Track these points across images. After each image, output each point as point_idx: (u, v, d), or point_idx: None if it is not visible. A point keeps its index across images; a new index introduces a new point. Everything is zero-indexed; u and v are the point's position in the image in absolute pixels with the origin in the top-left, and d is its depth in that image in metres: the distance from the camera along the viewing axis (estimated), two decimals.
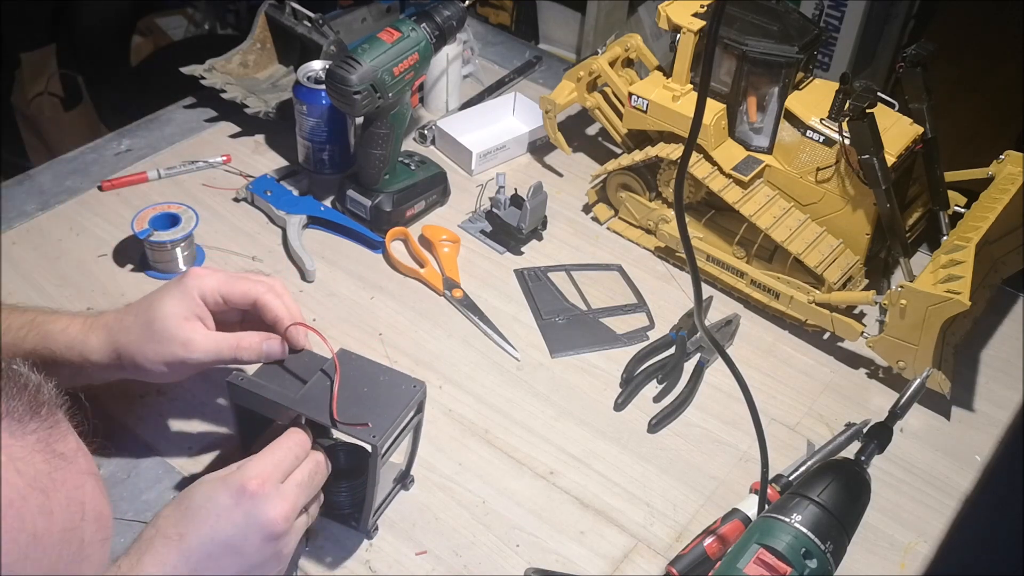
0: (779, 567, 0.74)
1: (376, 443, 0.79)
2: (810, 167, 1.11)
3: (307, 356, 0.88)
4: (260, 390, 0.84)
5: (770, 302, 1.14)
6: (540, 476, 0.96)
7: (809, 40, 1.09)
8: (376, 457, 0.80)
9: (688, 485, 0.96)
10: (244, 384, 0.84)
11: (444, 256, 1.19)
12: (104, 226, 1.19)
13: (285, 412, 0.84)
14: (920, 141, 1.12)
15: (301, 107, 1.22)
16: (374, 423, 0.80)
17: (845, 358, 1.11)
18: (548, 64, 1.57)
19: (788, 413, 1.04)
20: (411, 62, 1.12)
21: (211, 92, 1.35)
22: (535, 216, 1.20)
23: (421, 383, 0.85)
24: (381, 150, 1.16)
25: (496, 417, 1.01)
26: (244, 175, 1.28)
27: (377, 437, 0.79)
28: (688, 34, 1.12)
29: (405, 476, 0.92)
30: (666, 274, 1.21)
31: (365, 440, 0.79)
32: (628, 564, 0.89)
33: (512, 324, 1.12)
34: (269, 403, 0.84)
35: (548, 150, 1.38)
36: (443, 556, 0.88)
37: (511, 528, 0.91)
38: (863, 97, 1.02)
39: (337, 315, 1.11)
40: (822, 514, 0.77)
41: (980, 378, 1.10)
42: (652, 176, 1.21)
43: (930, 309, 0.96)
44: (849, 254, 1.12)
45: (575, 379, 1.06)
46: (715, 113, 1.13)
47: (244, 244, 1.19)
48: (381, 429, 0.80)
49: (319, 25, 1.34)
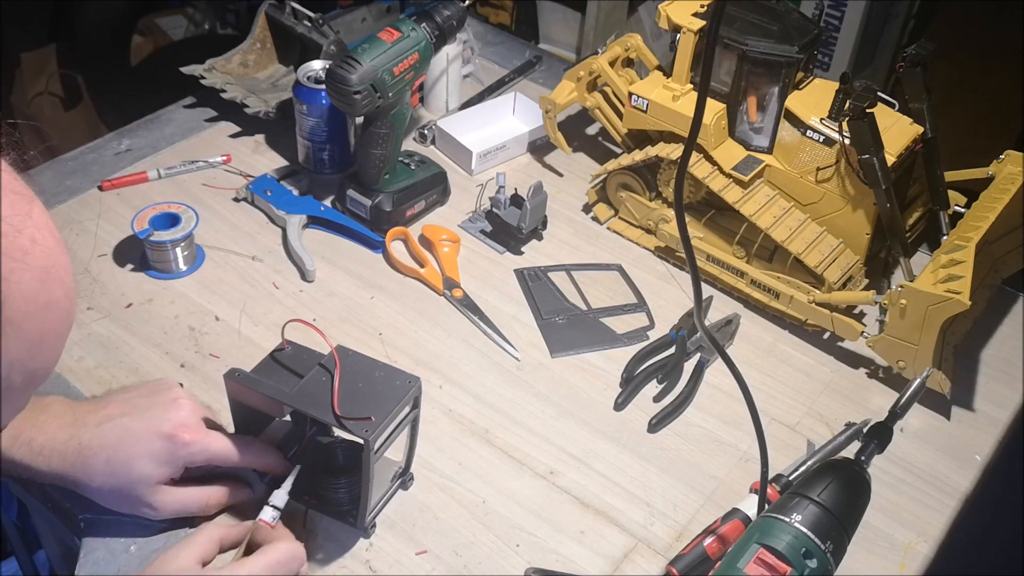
0: (779, 567, 0.74)
1: (368, 438, 0.79)
2: (810, 167, 1.11)
3: (303, 352, 0.88)
4: (257, 386, 0.84)
5: (770, 302, 1.14)
6: (540, 476, 0.96)
7: (809, 40, 1.09)
8: (369, 452, 0.80)
9: (688, 485, 0.96)
10: (242, 380, 0.85)
11: (444, 256, 1.19)
12: (104, 226, 1.19)
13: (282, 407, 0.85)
14: (920, 141, 1.12)
15: (301, 107, 1.22)
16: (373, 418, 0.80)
17: (845, 358, 1.11)
18: (548, 64, 1.57)
19: (788, 413, 1.04)
20: (411, 62, 1.12)
21: (211, 92, 1.35)
22: (535, 216, 1.20)
23: (416, 378, 0.85)
24: (381, 150, 1.16)
25: (496, 417, 1.01)
26: (244, 175, 1.28)
27: (370, 432, 0.79)
28: (688, 34, 1.12)
29: (404, 474, 0.92)
30: (666, 274, 1.21)
31: (358, 435, 0.79)
32: (628, 564, 0.89)
33: (512, 324, 1.12)
34: (267, 399, 0.84)
35: (548, 150, 1.38)
36: (443, 556, 0.88)
37: (511, 528, 0.91)
38: (863, 97, 1.02)
39: (337, 315, 1.11)
40: (822, 514, 0.77)
41: (980, 378, 1.10)
42: (652, 176, 1.21)
43: (930, 309, 0.96)
44: (849, 254, 1.12)
45: (575, 379, 1.06)
46: (715, 113, 1.13)
47: (244, 244, 1.19)
48: (374, 424, 0.80)
49: (319, 25, 1.34)
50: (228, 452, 0.85)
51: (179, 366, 1.03)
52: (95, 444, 0.81)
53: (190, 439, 0.82)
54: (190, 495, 0.85)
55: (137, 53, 2.39)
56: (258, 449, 0.87)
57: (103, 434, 0.81)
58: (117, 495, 0.82)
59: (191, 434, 0.83)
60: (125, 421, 0.82)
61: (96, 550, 0.85)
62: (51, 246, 0.52)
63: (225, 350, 1.05)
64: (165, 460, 0.82)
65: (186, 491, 0.85)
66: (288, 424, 0.92)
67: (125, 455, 0.81)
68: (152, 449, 0.81)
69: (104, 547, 0.86)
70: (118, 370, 1.02)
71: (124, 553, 0.85)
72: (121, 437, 0.81)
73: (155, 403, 0.84)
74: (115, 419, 0.82)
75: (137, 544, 0.86)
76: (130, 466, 0.81)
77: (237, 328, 1.08)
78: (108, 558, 0.85)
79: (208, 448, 0.84)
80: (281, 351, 0.89)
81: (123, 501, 0.83)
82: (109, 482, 0.81)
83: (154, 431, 0.82)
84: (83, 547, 0.86)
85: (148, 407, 0.84)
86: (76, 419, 0.82)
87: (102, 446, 0.81)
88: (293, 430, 0.92)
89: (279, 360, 0.88)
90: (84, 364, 1.02)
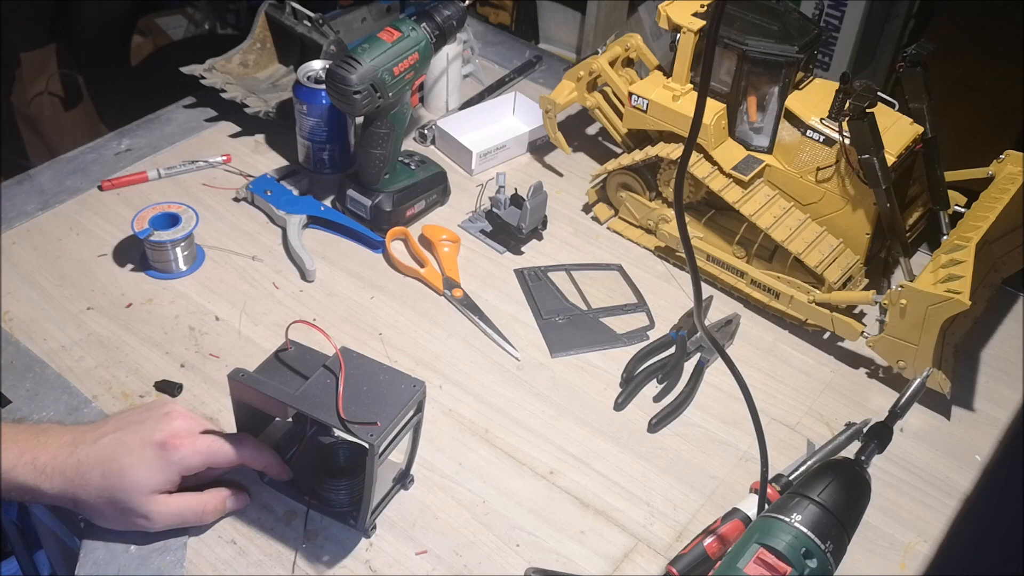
0: (779, 567, 0.74)
1: (374, 442, 0.79)
2: (810, 167, 1.11)
3: (307, 352, 0.88)
4: (261, 386, 0.84)
5: (770, 302, 1.14)
6: (540, 476, 0.96)
7: (809, 40, 1.09)
8: (374, 456, 0.80)
9: (688, 485, 0.96)
10: (245, 380, 0.85)
11: (444, 256, 1.19)
12: (104, 226, 1.19)
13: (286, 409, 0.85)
14: (920, 141, 1.12)
15: (301, 107, 1.22)
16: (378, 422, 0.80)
17: (845, 358, 1.11)
18: (548, 64, 1.57)
19: (788, 413, 1.04)
20: (411, 62, 1.12)
21: (211, 92, 1.35)
22: (535, 216, 1.20)
23: (421, 383, 0.85)
24: (381, 150, 1.16)
25: (496, 417, 1.01)
26: (244, 175, 1.28)
27: (375, 436, 0.79)
28: (688, 34, 1.12)
29: (405, 476, 0.92)
30: (666, 274, 1.21)
31: (363, 439, 0.79)
32: (628, 564, 0.89)
33: (512, 324, 1.12)
34: (270, 399, 0.84)
35: (548, 150, 1.38)
36: (443, 556, 0.88)
37: (511, 528, 0.91)
38: (863, 97, 1.02)
39: (337, 315, 1.11)
40: (822, 514, 0.77)
41: (980, 378, 1.10)
42: (652, 176, 1.21)
43: (930, 309, 0.96)
44: (849, 254, 1.12)
45: (575, 379, 1.06)
46: (715, 113, 1.13)
47: (244, 244, 1.19)
48: (380, 428, 0.80)
49: (319, 25, 1.34)
50: (222, 451, 0.85)
51: (179, 366, 1.03)
52: (91, 459, 0.82)
53: (180, 444, 0.83)
54: (185, 502, 0.85)
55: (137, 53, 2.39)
56: (254, 447, 0.87)
57: (99, 449, 0.82)
58: (112, 508, 0.83)
59: (182, 439, 0.84)
60: (119, 435, 0.83)
61: (96, 550, 0.85)
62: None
63: (225, 350, 1.05)
64: (158, 467, 0.82)
65: (181, 498, 0.85)
66: (288, 424, 0.92)
67: (119, 466, 0.82)
68: (145, 458, 0.82)
69: (104, 547, 0.86)
70: (118, 370, 1.02)
71: (124, 553, 0.85)
72: (116, 450, 0.82)
73: (149, 417, 0.86)
74: (110, 435, 0.84)
75: (137, 544, 0.86)
76: (123, 476, 0.81)
77: (237, 328, 1.08)
78: (108, 558, 0.85)
79: (200, 450, 0.84)
80: (284, 351, 0.89)
81: (119, 514, 0.83)
82: (104, 495, 0.82)
83: (147, 441, 0.83)
84: (83, 547, 0.86)
85: (142, 421, 0.85)
86: (75, 438, 0.84)
87: (98, 460, 0.82)
88: (293, 429, 0.92)
89: (283, 360, 0.88)
90: (84, 364, 1.02)
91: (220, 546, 0.87)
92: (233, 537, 0.88)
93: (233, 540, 0.88)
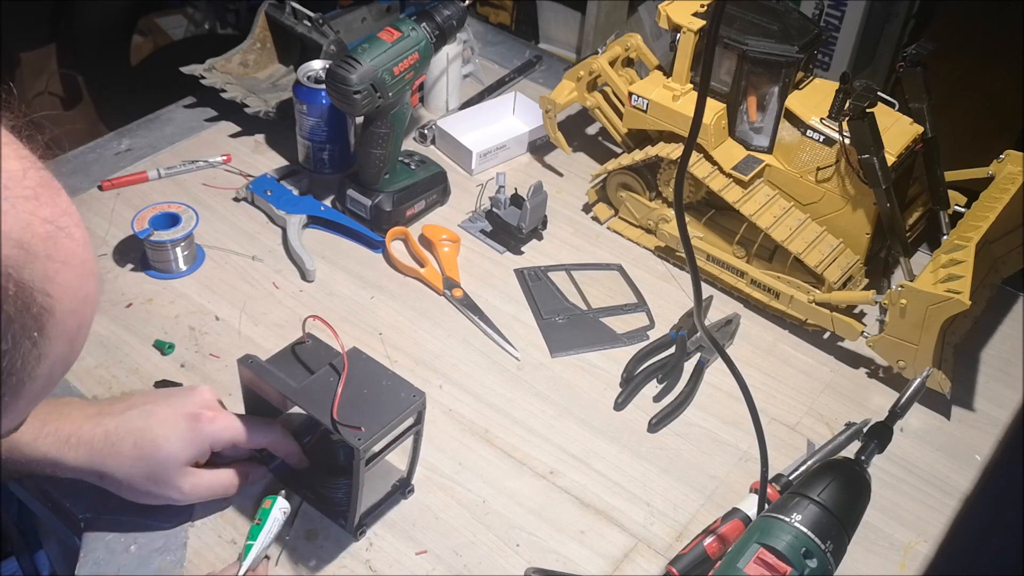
0: (779, 567, 0.74)
1: (360, 446, 0.79)
2: (810, 167, 1.11)
3: (322, 348, 0.89)
4: (266, 376, 0.85)
5: (770, 302, 1.14)
6: (540, 476, 0.96)
7: (809, 40, 1.09)
8: (360, 460, 0.80)
9: (688, 485, 0.96)
10: (253, 368, 0.86)
11: (444, 256, 1.19)
12: (104, 226, 1.19)
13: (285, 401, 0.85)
14: (920, 141, 1.12)
15: (301, 107, 1.22)
16: (367, 427, 0.80)
17: (845, 358, 1.11)
18: (548, 64, 1.57)
19: (788, 413, 1.04)
20: (411, 62, 1.12)
21: (211, 92, 1.35)
22: (535, 216, 1.20)
23: (421, 393, 0.84)
24: (381, 150, 1.16)
25: (496, 417, 1.01)
26: (244, 175, 1.28)
27: (363, 440, 0.79)
28: (688, 34, 1.12)
29: (405, 485, 0.92)
30: (666, 274, 1.21)
31: (350, 442, 0.80)
32: (628, 564, 0.89)
33: (512, 324, 1.12)
34: (272, 390, 0.84)
35: (548, 150, 1.38)
36: (443, 556, 0.88)
37: (511, 528, 0.91)
38: (863, 96, 1.02)
39: (337, 315, 1.11)
40: (822, 514, 0.77)
41: (980, 378, 1.10)
42: (652, 176, 1.21)
43: (930, 309, 0.96)
44: (849, 254, 1.12)
45: (575, 379, 1.06)
46: (715, 113, 1.13)
47: (244, 244, 1.19)
48: (370, 433, 0.80)
49: (319, 25, 1.34)
50: (252, 430, 0.86)
51: (179, 366, 1.03)
52: (121, 429, 0.81)
53: (215, 416, 0.84)
54: (216, 477, 0.86)
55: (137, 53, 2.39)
56: (280, 432, 0.88)
57: (129, 420, 0.82)
58: (145, 479, 0.82)
59: (215, 412, 0.84)
60: (149, 407, 0.83)
61: (96, 550, 0.85)
62: (83, 236, 0.52)
63: (225, 350, 1.05)
64: (191, 439, 0.82)
65: (213, 473, 0.86)
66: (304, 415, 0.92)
67: (152, 436, 0.81)
68: (179, 429, 0.82)
69: (104, 547, 0.86)
70: (118, 370, 1.02)
71: (124, 553, 0.85)
72: (147, 420, 0.82)
73: (176, 392, 0.87)
74: (139, 406, 0.83)
75: (137, 544, 0.86)
76: (158, 447, 0.81)
77: (237, 328, 1.08)
78: (108, 558, 0.85)
79: (232, 426, 0.85)
80: (301, 344, 0.89)
81: (151, 486, 0.83)
82: (137, 465, 0.81)
83: (179, 412, 0.83)
84: (83, 546, 0.86)
85: (170, 395, 0.86)
86: (100, 410, 0.84)
87: (129, 431, 0.81)
88: (307, 421, 0.93)
89: (296, 353, 0.88)
90: (84, 364, 1.02)
91: (220, 546, 0.87)
92: (233, 537, 0.88)
93: (233, 540, 0.88)
